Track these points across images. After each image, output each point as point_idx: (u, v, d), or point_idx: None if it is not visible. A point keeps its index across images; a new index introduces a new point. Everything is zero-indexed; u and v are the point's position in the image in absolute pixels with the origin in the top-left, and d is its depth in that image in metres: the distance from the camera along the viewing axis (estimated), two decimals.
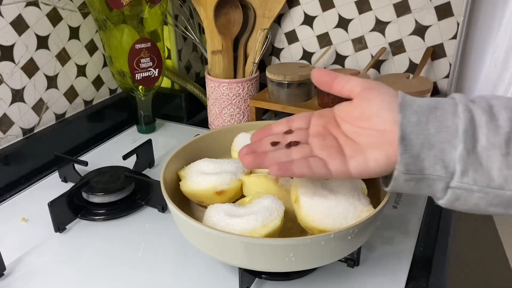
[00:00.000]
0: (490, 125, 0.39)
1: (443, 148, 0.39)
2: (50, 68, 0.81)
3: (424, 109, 0.40)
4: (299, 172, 0.43)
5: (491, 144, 0.38)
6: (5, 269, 0.56)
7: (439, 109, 0.40)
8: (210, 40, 0.87)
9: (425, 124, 0.40)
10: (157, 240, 0.61)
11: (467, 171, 0.38)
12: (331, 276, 0.55)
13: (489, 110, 0.40)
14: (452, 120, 0.39)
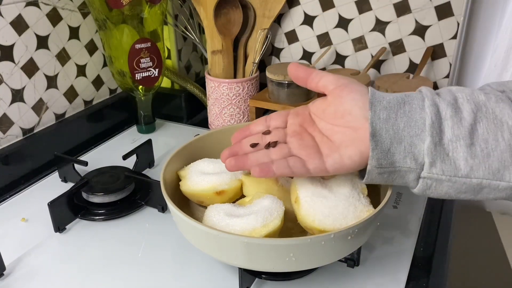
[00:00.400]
0: (454, 118, 0.41)
1: (412, 141, 0.41)
2: (50, 68, 0.81)
3: (393, 105, 0.42)
4: (279, 172, 0.46)
5: (456, 136, 0.41)
6: (5, 269, 0.56)
7: (407, 104, 0.43)
8: (210, 40, 0.87)
9: (394, 119, 0.42)
10: (157, 240, 0.61)
11: (435, 162, 0.41)
12: (331, 276, 0.55)
13: (454, 103, 0.42)
14: (419, 114, 0.42)
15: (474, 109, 0.41)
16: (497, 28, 0.84)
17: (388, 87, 0.76)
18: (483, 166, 0.41)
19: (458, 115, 0.41)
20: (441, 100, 0.42)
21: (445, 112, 0.41)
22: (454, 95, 0.43)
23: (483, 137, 0.41)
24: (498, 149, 0.40)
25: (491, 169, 0.41)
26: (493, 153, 0.40)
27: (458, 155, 0.41)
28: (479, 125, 0.41)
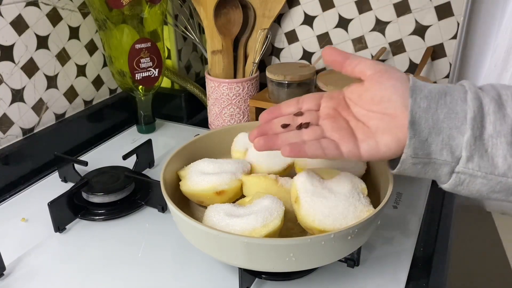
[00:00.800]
0: (497, 114, 0.40)
1: (451, 133, 0.40)
2: (50, 68, 0.81)
3: (434, 95, 0.41)
4: (311, 152, 0.44)
5: (497, 132, 0.39)
6: (5, 269, 0.56)
7: (448, 95, 0.41)
8: (210, 40, 0.87)
9: (435, 109, 0.41)
10: (157, 240, 0.61)
11: (472, 157, 0.40)
12: (331, 276, 0.54)
13: (498, 99, 0.41)
14: (461, 106, 0.40)
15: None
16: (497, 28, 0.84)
17: None
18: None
19: (502, 111, 0.40)
20: (485, 94, 0.41)
21: (488, 106, 0.40)
22: (498, 91, 0.42)
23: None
24: None
25: None
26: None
27: (497, 152, 0.39)
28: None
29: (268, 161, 0.61)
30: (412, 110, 0.41)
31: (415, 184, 0.73)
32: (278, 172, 0.61)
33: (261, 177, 0.57)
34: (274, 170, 0.61)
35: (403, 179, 0.74)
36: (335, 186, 0.53)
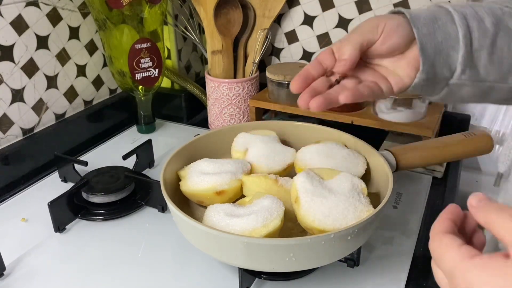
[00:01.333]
0: (480, 29, 0.45)
1: (448, 53, 0.46)
2: (50, 68, 0.81)
3: (429, 21, 0.46)
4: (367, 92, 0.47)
5: (481, 45, 0.45)
6: (5, 269, 0.56)
7: (438, 19, 0.46)
8: (210, 40, 0.87)
9: (434, 34, 0.45)
10: (157, 240, 0.61)
11: (465, 70, 0.46)
12: (331, 276, 0.55)
13: (476, 15, 0.46)
14: (451, 28, 0.45)
15: (494, 22, 0.45)
16: None
17: None
18: (495, 71, 0.46)
19: (482, 26, 0.45)
20: (466, 12, 0.46)
21: (472, 24, 0.45)
22: (474, 8, 0.46)
23: (500, 47, 0.45)
24: (508, 57, 0.46)
25: (501, 73, 0.46)
26: (504, 60, 0.46)
27: (480, 63, 0.45)
28: (498, 37, 0.45)
29: (268, 161, 0.61)
30: (419, 38, 0.45)
31: (415, 184, 0.73)
32: (278, 172, 0.61)
33: (261, 177, 0.57)
34: (274, 170, 0.61)
35: (403, 179, 0.74)
36: (335, 186, 0.53)
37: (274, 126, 0.69)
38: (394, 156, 0.61)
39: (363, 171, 0.60)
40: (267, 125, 0.70)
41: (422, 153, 0.62)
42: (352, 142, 0.64)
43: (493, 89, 0.47)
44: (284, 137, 0.69)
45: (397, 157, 0.61)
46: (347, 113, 0.80)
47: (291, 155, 0.63)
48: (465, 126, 0.87)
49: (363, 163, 0.60)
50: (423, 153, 0.62)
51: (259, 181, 0.57)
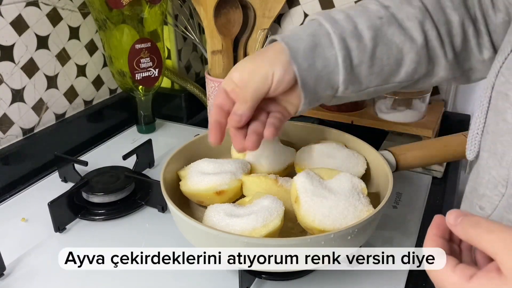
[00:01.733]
0: (359, 47, 0.49)
1: (329, 77, 0.49)
2: (50, 68, 0.81)
3: (308, 51, 0.48)
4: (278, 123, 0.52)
5: (361, 61, 0.49)
6: (5, 269, 0.56)
7: (318, 45, 0.49)
8: (210, 40, 0.87)
9: (313, 64, 0.48)
10: (157, 240, 0.61)
11: (347, 87, 0.50)
12: (331, 276, 0.55)
13: (355, 30, 0.49)
14: (330, 52, 0.48)
15: (373, 35, 0.49)
16: None
17: None
18: (378, 78, 0.51)
19: (362, 43, 0.49)
20: (345, 30, 0.48)
21: (351, 43, 0.48)
22: (353, 22, 0.49)
23: (379, 57, 0.49)
24: (389, 62, 0.50)
25: (383, 78, 0.51)
26: (386, 67, 0.50)
27: (361, 74, 0.50)
28: (377, 49, 0.49)
29: (268, 161, 0.61)
30: (300, 75, 0.48)
31: (415, 184, 0.73)
32: (278, 172, 0.61)
33: (261, 177, 0.57)
34: (274, 170, 0.61)
35: (403, 179, 0.74)
36: (335, 186, 0.53)
37: None
38: (394, 156, 0.61)
39: (363, 171, 0.60)
40: None
41: (422, 153, 0.62)
42: (352, 142, 0.64)
43: (378, 91, 0.52)
44: (284, 137, 0.69)
45: (397, 157, 0.61)
46: (347, 113, 0.80)
47: (291, 155, 0.63)
48: (465, 126, 0.87)
49: (363, 163, 0.60)
50: (423, 153, 0.62)
51: (259, 181, 0.57)
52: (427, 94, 0.76)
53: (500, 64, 0.40)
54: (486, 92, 0.42)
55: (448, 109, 0.89)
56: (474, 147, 0.44)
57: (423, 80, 0.53)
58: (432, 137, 0.74)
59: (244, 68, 0.50)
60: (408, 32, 0.50)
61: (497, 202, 0.40)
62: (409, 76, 0.52)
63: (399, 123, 0.76)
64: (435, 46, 0.51)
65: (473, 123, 0.44)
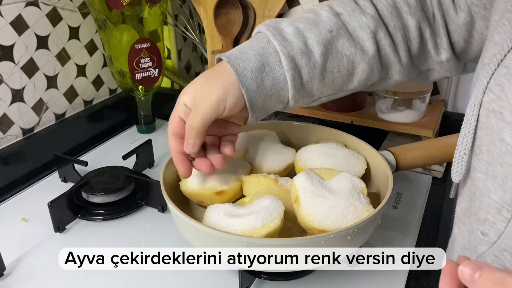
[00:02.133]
0: (309, 65, 0.49)
1: (279, 94, 0.50)
2: (50, 68, 0.81)
3: (256, 72, 0.48)
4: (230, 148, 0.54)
5: (311, 77, 0.49)
6: (5, 269, 0.56)
7: (267, 65, 0.48)
8: (210, 40, 0.87)
9: (262, 84, 0.48)
10: (157, 240, 0.61)
11: (298, 101, 0.51)
12: (331, 276, 0.54)
13: (305, 48, 0.48)
14: (279, 71, 0.48)
15: (323, 51, 0.49)
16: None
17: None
18: (330, 88, 0.52)
19: (311, 60, 0.49)
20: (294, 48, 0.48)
21: (300, 61, 0.48)
22: (303, 38, 0.49)
23: (330, 70, 0.50)
24: (340, 75, 0.50)
25: (335, 88, 0.52)
26: (337, 79, 0.51)
27: (312, 88, 0.50)
28: (327, 63, 0.49)
29: (268, 161, 0.61)
30: (247, 97, 0.48)
31: (415, 184, 0.73)
32: (278, 172, 0.61)
33: (261, 177, 0.57)
34: (274, 170, 0.61)
35: (403, 179, 0.74)
36: (335, 186, 0.53)
37: (274, 126, 0.69)
38: (394, 156, 0.61)
39: (363, 171, 0.60)
40: (267, 125, 0.70)
41: (422, 153, 0.62)
42: (352, 142, 0.64)
43: (331, 99, 0.54)
44: (284, 137, 0.69)
45: (397, 157, 0.61)
46: (347, 113, 0.80)
47: (291, 155, 0.63)
48: None
49: (363, 163, 0.60)
50: (423, 153, 0.62)
51: (259, 181, 0.57)
52: (427, 94, 0.76)
53: (487, 79, 0.38)
54: (473, 110, 0.39)
55: (448, 109, 0.89)
56: (461, 169, 0.42)
57: (377, 84, 0.54)
58: (432, 137, 0.74)
59: (195, 91, 0.49)
60: (359, 42, 0.50)
61: (503, 228, 0.36)
62: (362, 83, 0.52)
63: (399, 123, 0.76)
64: (388, 53, 0.51)
65: (460, 143, 0.41)
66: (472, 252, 0.41)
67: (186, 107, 0.49)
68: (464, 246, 0.43)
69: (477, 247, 0.40)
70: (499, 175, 0.36)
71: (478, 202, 0.40)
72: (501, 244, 0.37)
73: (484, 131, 0.38)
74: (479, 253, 0.39)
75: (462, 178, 0.42)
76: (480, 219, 0.39)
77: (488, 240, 0.38)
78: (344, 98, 0.79)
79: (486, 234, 0.38)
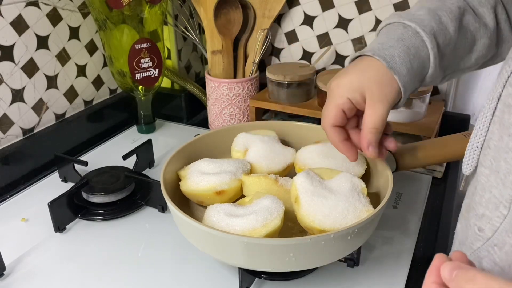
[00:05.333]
0: (445, 41, 0.50)
1: (422, 74, 0.50)
2: (50, 68, 0.81)
3: (404, 56, 0.49)
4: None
5: (446, 54, 0.50)
6: (5, 269, 0.56)
7: (412, 47, 0.49)
8: (210, 40, 0.87)
9: (411, 67, 0.49)
10: (157, 240, 0.61)
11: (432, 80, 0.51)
12: (331, 276, 0.55)
13: (441, 25, 0.49)
14: (423, 51, 0.49)
15: (457, 27, 0.50)
16: None
17: None
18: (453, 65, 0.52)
19: (447, 37, 0.50)
20: (433, 27, 0.49)
21: (439, 39, 0.49)
22: (437, 16, 0.50)
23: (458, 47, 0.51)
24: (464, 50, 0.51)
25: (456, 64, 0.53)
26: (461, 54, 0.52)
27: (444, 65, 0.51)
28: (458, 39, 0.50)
29: (268, 161, 0.61)
30: (401, 81, 0.48)
31: (415, 184, 0.73)
32: (278, 172, 0.61)
33: (261, 177, 0.57)
34: (274, 170, 0.61)
35: (403, 179, 0.74)
36: (335, 186, 0.53)
37: (274, 126, 0.69)
38: (394, 156, 0.61)
39: (363, 171, 0.60)
40: (267, 125, 0.70)
41: (422, 153, 0.62)
42: None
43: (449, 78, 0.55)
44: (284, 137, 0.69)
45: (397, 157, 0.61)
46: None
47: (291, 155, 0.63)
48: (465, 126, 0.87)
49: (363, 163, 0.60)
50: (423, 153, 0.62)
51: (259, 181, 0.57)
52: (427, 94, 0.76)
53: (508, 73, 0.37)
54: (491, 103, 0.39)
55: (448, 109, 0.89)
56: (472, 162, 0.41)
57: (489, 62, 0.55)
58: (432, 137, 0.74)
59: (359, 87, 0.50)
60: (482, 18, 0.51)
61: (498, 224, 0.36)
62: (478, 60, 0.53)
63: (399, 123, 0.76)
64: (503, 28, 0.52)
65: (473, 136, 0.41)
66: (468, 247, 0.41)
67: (351, 102, 0.50)
68: (461, 241, 0.43)
69: (472, 243, 0.40)
70: (502, 170, 0.36)
71: (478, 197, 0.40)
72: (494, 240, 0.37)
73: (496, 125, 0.38)
74: (474, 248, 0.40)
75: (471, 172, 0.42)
76: (478, 215, 0.39)
77: (483, 236, 0.38)
78: None
79: (482, 230, 0.39)
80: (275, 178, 0.57)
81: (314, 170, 0.56)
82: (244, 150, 0.64)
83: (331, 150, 0.61)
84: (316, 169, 0.57)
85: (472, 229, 0.40)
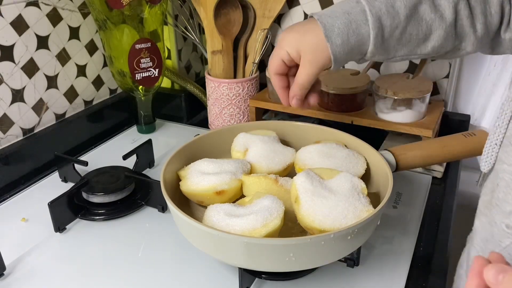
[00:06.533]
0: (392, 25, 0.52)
1: (360, 49, 0.53)
2: (50, 68, 0.81)
3: (343, 28, 0.52)
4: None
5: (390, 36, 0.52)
6: (5, 269, 0.56)
7: (353, 22, 0.52)
8: (210, 40, 0.87)
9: (347, 40, 0.52)
10: (157, 240, 0.61)
11: (374, 55, 0.54)
12: (331, 276, 0.55)
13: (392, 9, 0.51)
14: (364, 29, 0.52)
15: (408, 14, 0.52)
16: None
17: (387, 87, 0.76)
18: (405, 49, 0.54)
19: (395, 21, 0.52)
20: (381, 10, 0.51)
21: (385, 22, 0.52)
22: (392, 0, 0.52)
23: (409, 32, 0.53)
24: (417, 37, 0.53)
25: (410, 49, 0.55)
26: (413, 41, 0.53)
27: (389, 46, 0.54)
28: (408, 26, 0.52)
29: (268, 161, 0.62)
30: (332, 51, 0.52)
31: (415, 184, 0.73)
32: (278, 172, 0.61)
33: (261, 177, 0.57)
34: (274, 170, 0.61)
35: (403, 179, 0.74)
36: (335, 186, 0.53)
37: (274, 126, 0.69)
38: (394, 156, 0.61)
39: (363, 171, 0.60)
40: (267, 125, 0.70)
41: (422, 153, 0.62)
42: (352, 142, 0.64)
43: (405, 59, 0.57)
44: (284, 137, 0.69)
45: (397, 157, 0.61)
46: (347, 113, 0.80)
47: (291, 155, 0.63)
48: (465, 126, 0.87)
49: (363, 163, 0.60)
50: (423, 153, 0.62)
51: (259, 181, 0.57)
52: (427, 94, 0.76)
53: None
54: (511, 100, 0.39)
55: (448, 109, 0.89)
56: (491, 159, 0.42)
57: (451, 53, 0.57)
58: (432, 137, 0.74)
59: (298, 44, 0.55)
60: (440, 9, 0.52)
61: None
62: (435, 49, 0.55)
63: (399, 123, 0.76)
64: (464, 24, 0.53)
65: (492, 133, 0.41)
66: (495, 245, 0.41)
67: (289, 55, 0.55)
68: (485, 238, 0.43)
69: (501, 240, 0.40)
70: None
71: (502, 194, 0.40)
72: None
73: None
74: (503, 246, 0.40)
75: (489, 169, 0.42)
76: (505, 212, 0.39)
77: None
78: (344, 98, 0.80)
79: (511, 227, 0.39)
80: (275, 178, 0.57)
81: (314, 170, 0.56)
82: (244, 150, 0.64)
83: (331, 150, 0.61)
84: (316, 169, 0.57)
85: (499, 226, 0.40)
